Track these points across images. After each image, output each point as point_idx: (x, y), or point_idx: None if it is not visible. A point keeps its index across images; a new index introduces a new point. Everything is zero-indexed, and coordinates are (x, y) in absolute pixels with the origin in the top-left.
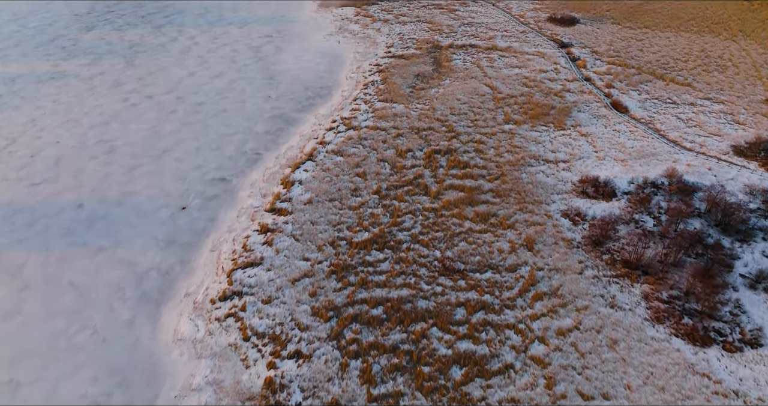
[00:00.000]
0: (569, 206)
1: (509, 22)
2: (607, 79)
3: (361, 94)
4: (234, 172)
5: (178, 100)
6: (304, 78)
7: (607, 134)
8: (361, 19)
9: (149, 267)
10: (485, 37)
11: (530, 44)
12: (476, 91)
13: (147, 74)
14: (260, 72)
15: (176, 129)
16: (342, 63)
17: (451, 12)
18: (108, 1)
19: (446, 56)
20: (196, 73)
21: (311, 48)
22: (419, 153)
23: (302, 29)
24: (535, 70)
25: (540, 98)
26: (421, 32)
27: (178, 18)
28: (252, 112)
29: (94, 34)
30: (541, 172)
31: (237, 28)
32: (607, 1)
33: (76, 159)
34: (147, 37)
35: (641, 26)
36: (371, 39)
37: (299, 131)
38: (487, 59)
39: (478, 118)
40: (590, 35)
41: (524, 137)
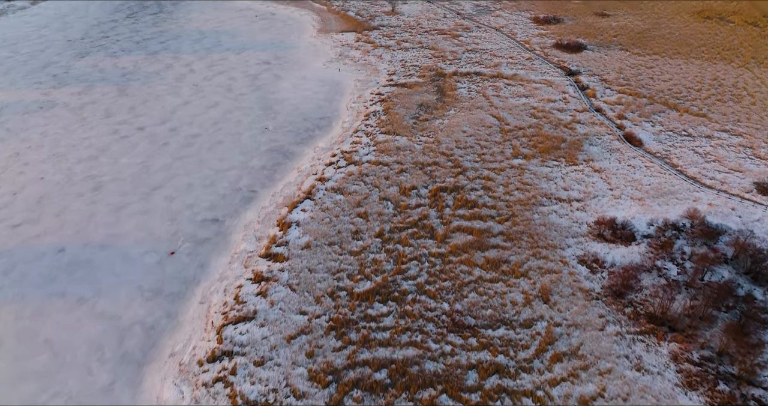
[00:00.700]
0: (586, 251)
1: (514, 48)
2: (618, 109)
3: (363, 125)
4: (227, 213)
5: (171, 132)
6: (303, 108)
7: (621, 170)
8: (362, 45)
9: (132, 321)
10: (490, 65)
11: (537, 72)
12: (482, 123)
13: (140, 103)
14: (257, 101)
15: (168, 164)
16: (342, 92)
17: (454, 38)
18: (104, 25)
19: (450, 85)
20: (190, 102)
21: (311, 76)
22: (424, 191)
23: (302, 56)
24: (543, 100)
25: (549, 130)
26: (423, 59)
27: (174, 44)
28: (248, 145)
29: (87, 61)
30: (554, 213)
31: (234, 55)
32: (614, 27)
33: (61, 197)
34: (141, 64)
35: (650, 53)
36: (372, 66)
37: (297, 166)
38: (493, 88)
39: (485, 152)
40: (598, 62)
41: (534, 173)
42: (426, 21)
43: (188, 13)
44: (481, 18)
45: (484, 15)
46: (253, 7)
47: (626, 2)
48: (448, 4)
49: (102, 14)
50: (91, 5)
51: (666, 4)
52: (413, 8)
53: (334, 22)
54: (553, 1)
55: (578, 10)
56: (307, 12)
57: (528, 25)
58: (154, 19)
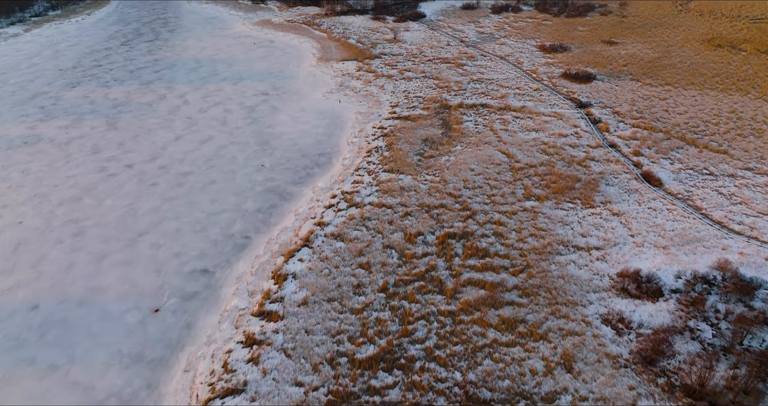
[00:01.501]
0: (610, 308)
1: (521, 78)
2: (633, 145)
3: (364, 162)
4: (218, 262)
5: (161, 170)
6: (302, 143)
7: (642, 214)
8: (364, 75)
9: (108, 393)
10: (497, 96)
11: (546, 104)
12: (491, 160)
13: (130, 138)
14: (254, 136)
15: (156, 206)
16: (343, 125)
17: (458, 67)
18: (97, 54)
19: (456, 118)
20: (183, 136)
21: (310, 108)
22: (431, 237)
23: (301, 86)
24: (553, 135)
25: (562, 168)
26: (427, 90)
27: (168, 73)
28: (242, 184)
29: (78, 92)
30: (573, 263)
31: (231, 85)
32: (623, 56)
33: (39, 244)
34: (134, 95)
35: (662, 83)
36: (374, 97)
37: (294, 209)
38: (501, 121)
39: (495, 192)
40: (609, 93)
41: (549, 217)
42: (429, 49)
43: (185, 41)
44: (485, 46)
45: (489, 42)
46: (251, 34)
47: (633, 30)
48: (452, 31)
49: (96, 42)
50: (86, 32)
51: (674, 32)
52: (415, 36)
53: (334, 50)
54: (559, 28)
55: (585, 37)
56: (307, 39)
57: (534, 53)
58: (149, 46)
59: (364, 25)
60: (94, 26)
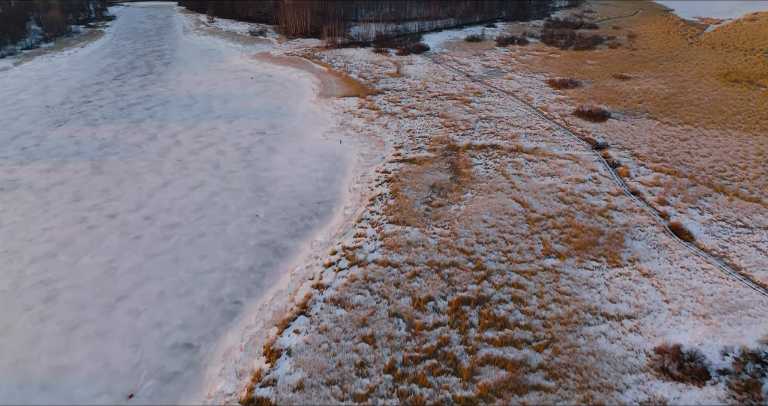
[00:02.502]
0: (650, 395)
1: (531, 116)
2: (658, 192)
3: (367, 212)
4: (204, 334)
5: (146, 221)
6: (300, 190)
7: (675, 274)
8: (366, 113)
9: None
10: (507, 136)
11: (559, 145)
12: (505, 209)
13: (115, 184)
14: (248, 181)
15: (138, 264)
16: (344, 169)
17: (465, 104)
18: (87, 89)
19: (465, 160)
20: (172, 182)
21: (309, 149)
22: (443, 303)
23: (299, 124)
24: (570, 180)
25: (583, 220)
26: (433, 129)
27: (160, 110)
28: (234, 237)
29: (63, 131)
30: (603, 336)
31: (226, 124)
32: (637, 91)
33: (4, 312)
34: (122, 134)
35: (681, 122)
36: (377, 137)
37: (291, 267)
38: (513, 164)
39: (512, 248)
40: (626, 133)
41: (572, 278)
42: (434, 84)
43: (179, 75)
44: (492, 80)
45: (496, 77)
46: (249, 68)
47: (645, 64)
48: (457, 65)
49: (87, 76)
50: (77, 66)
51: (687, 66)
52: (419, 70)
53: (335, 85)
54: (567, 61)
55: (595, 72)
56: (307, 73)
57: (544, 88)
58: (142, 81)
59: (366, 59)
60: (87, 59)
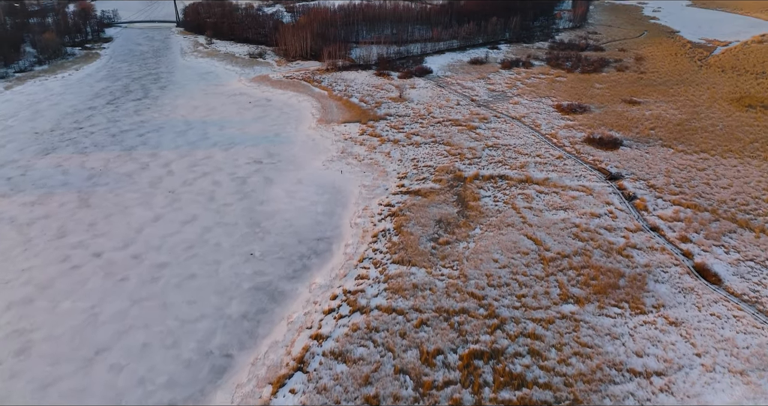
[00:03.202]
0: None
1: (540, 143)
2: (678, 228)
3: (370, 250)
4: (191, 394)
5: (134, 261)
6: (298, 225)
7: (705, 323)
8: (368, 140)
9: None
10: (516, 165)
11: (571, 175)
12: (516, 247)
13: (102, 218)
14: (243, 215)
15: (122, 310)
16: (345, 201)
17: (471, 130)
18: (79, 114)
19: (472, 192)
20: (163, 216)
21: (308, 179)
22: (453, 357)
23: (298, 152)
24: (585, 214)
25: (601, 259)
26: (438, 157)
27: (154, 137)
28: (227, 280)
29: (51, 159)
30: (631, 396)
31: (222, 151)
32: (648, 117)
33: None
34: (113, 163)
35: (697, 150)
36: (380, 166)
37: (287, 314)
38: (523, 197)
39: (526, 292)
40: (640, 162)
41: (593, 328)
42: (438, 109)
43: (175, 99)
44: (498, 105)
45: (501, 102)
46: (247, 92)
47: (654, 87)
48: (461, 88)
49: (80, 101)
50: (70, 89)
51: (698, 90)
52: (423, 94)
53: (335, 110)
54: (574, 85)
55: (604, 96)
56: (306, 98)
57: (551, 114)
58: (136, 106)
59: (368, 82)
60: (81, 82)
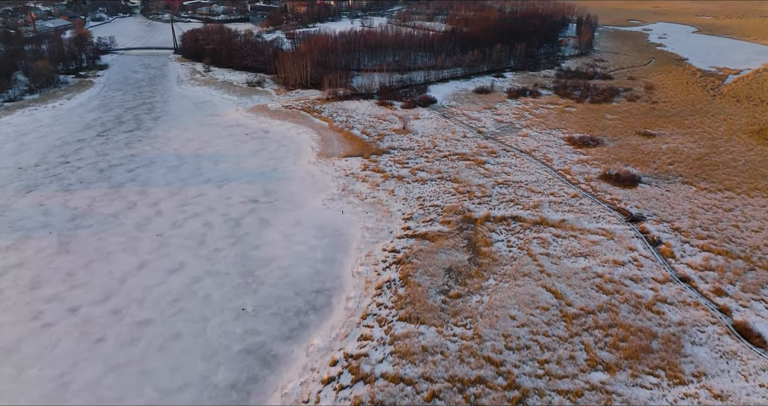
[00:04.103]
0: None
1: (554, 180)
2: (711, 278)
3: (374, 305)
4: None
5: (113, 317)
6: (296, 274)
7: (754, 396)
8: (370, 176)
9: None
10: (529, 205)
11: (589, 216)
12: (535, 302)
13: (82, 266)
14: (236, 262)
15: (95, 379)
16: (347, 246)
17: (479, 165)
18: (67, 147)
19: (484, 236)
20: (149, 263)
21: (307, 220)
22: None
23: (297, 189)
24: (607, 262)
25: (629, 316)
26: (446, 196)
27: (144, 173)
28: (215, 340)
29: (33, 198)
30: None
31: (215, 189)
32: (665, 151)
33: None
34: (99, 202)
35: (721, 188)
36: (384, 206)
37: (282, 384)
38: (539, 241)
39: (549, 357)
40: (662, 202)
41: (627, 401)
42: (443, 142)
43: (168, 131)
44: (506, 137)
45: (510, 134)
46: (244, 122)
47: (668, 118)
48: (467, 119)
49: (69, 132)
50: (60, 120)
51: (714, 121)
52: (427, 125)
53: (336, 143)
54: (585, 116)
55: (616, 128)
56: (306, 129)
57: (563, 147)
58: (127, 138)
59: (370, 112)
60: (72, 112)
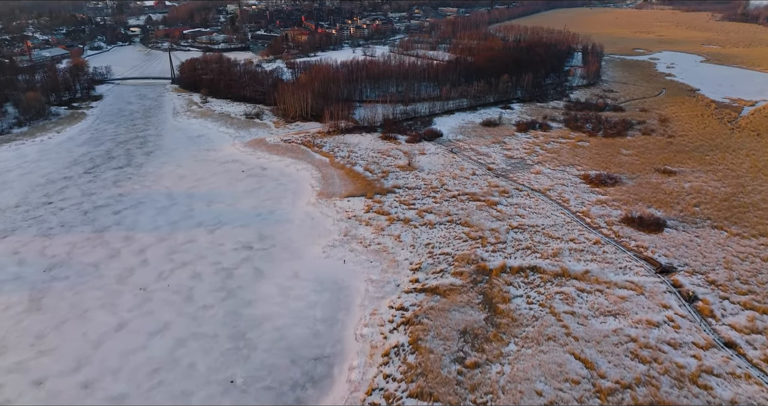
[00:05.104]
0: None
1: (572, 224)
2: (760, 343)
3: (380, 377)
4: None
5: (82, 392)
6: (292, 336)
7: None
8: (374, 218)
9: None
10: (548, 253)
11: (614, 266)
12: (563, 373)
13: (53, 327)
14: (226, 322)
15: None
16: (349, 303)
17: (491, 206)
18: (51, 185)
19: (501, 291)
20: (128, 323)
21: (305, 271)
22: None
23: (295, 234)
24: (640, 323)
25: (672, 392)
26: (456, 242)
27: (131, 215)
28: None
29: (8, 244)
30: None
31: (207, 233)
32: (689, 190)
33: None
34: (79, 249)
35: (755, 233)
36: (389, 254)
37: None
38: (562, 297)
39: None
40: (692, 250)
41: None
42: (451, 179)
43: (160, 167)
44: (518, 175)
45: (521, 171)
46: (241, 158)
47: (688, 154)
48: (475, 155)
49: (55, 169)
50: (47, 155)
51: (736, 157)
52: (434, 161)
53: (338, 181)
54: (599, 151)
55: (634, 164)
56: (306, 166)
57: (579, 185)
58: (116, 175)
59: (373, 147)
60: (60, 147)
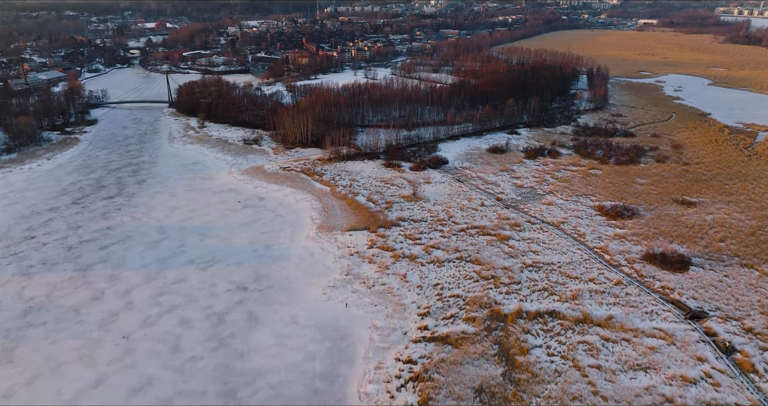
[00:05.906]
0: None
1: (590, 261)
2: None
3: None
4: None
5: None
6: (288, 394)
7: None
8: (378, 255)
9: None
10: (566, 295)
11: (639, 310)
12: None
13: (24, 383)
14: (216, 377)
15: None
16: (352, 354)
17: (502, 242)
18: (36, 217)
19: (518, 341)
20: (107, 378)
21: (304, 317)
22: None
23: (293, 273)
24: (674, 379)
25: None
26: (467, 282)
27: (118, 251)
28: None
29: None
30: None
31: (198, 272)
32: (711, 223)
33: None
34: (60, 291)
35: None
36: (395, 296)
37: None
38: (586, 348)
39: None
40: (722, 291)
41: None
42: (459, 211)
43: (152, 197)
44: (529, 206)
45: (533, 201)
46: (237, 187)
47: (706, 183)
48: (483, 184)
49: (42, 199)
50: (35, 184)
51: (758, 186)
52: (439, 190)
53: (339, 213)
54: (613, 180)
55: (650, 194)
56: (305, 196)
57: (594, 218)
58: (105, 206)
59: (375, 175)
60: (49, 175)
